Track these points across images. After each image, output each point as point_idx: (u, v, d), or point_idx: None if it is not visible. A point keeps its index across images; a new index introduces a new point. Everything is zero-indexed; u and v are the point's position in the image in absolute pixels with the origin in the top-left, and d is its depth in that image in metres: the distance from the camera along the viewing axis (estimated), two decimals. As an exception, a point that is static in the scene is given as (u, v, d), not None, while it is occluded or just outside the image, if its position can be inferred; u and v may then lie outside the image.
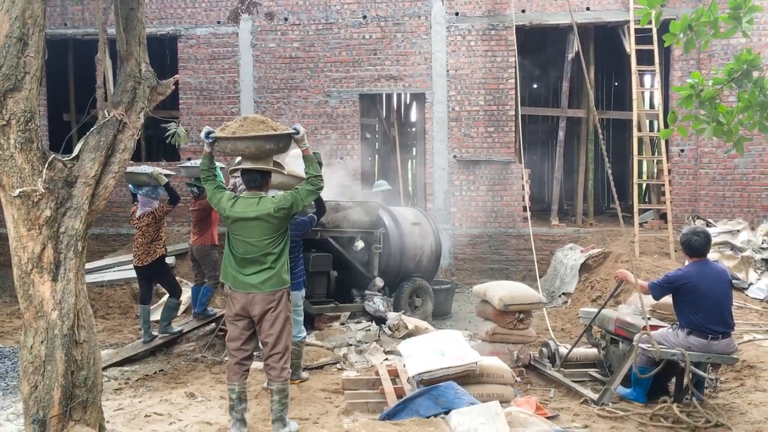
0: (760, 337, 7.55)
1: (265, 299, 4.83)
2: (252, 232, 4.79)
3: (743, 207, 12.27)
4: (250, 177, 4.92)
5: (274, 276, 4.85)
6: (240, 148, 4.73)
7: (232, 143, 4.70)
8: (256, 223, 4.77)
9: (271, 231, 4.81)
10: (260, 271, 4.82)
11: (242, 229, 4.81)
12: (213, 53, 13.00)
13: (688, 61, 12.31)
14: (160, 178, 7.81)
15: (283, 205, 4.78)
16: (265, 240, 4.81)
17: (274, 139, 4.70)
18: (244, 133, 4.61)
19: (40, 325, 4.47)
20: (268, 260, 4.82)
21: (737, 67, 4.86)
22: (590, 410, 5.83)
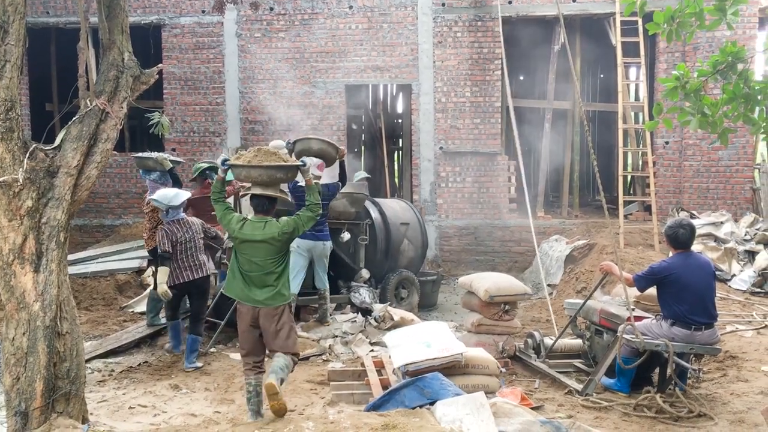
0: (742, 327, 7.63)
1: (269, 313, 5.17)
2: (258, 252, 5.15)
3: (727, 199, 12.36)
4: (258, 202, 5.27)
5: (276, 294, 5.18)
6: (253, 176, 5.12)
7: (246, 170, 5.10)
8: (262, 245, 5.14)
9: (274, 252, 5.18)
10: (264, 287, 5.16)
11: (249, 249, 5.18)
12: (197, 43, 12.89)
13: (674, 53, 12.36)
14: (165, 162, 8.03)
15: (286, 230, 5.17)
16: (269, 260, 5.17)
17: (283, 170, 5.16)
18: (258, 162, 5.05)
19: (22, 317, 4.43)
20: (271, 279, 5.17)
21: (722, 59, 4.88)
22: (575, 400, 5.87)
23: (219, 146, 12.77)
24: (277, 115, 12.82)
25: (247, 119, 12.89)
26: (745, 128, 9.73)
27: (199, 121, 12.91)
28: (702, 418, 5.39)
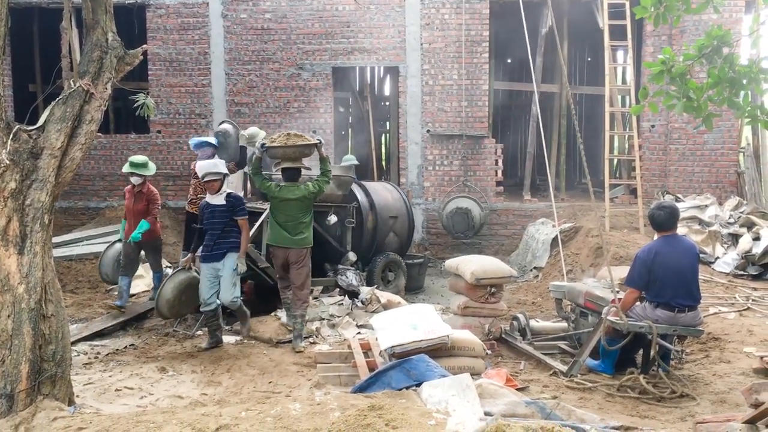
0: (725, 310, 7.71)
1: (298, 253, 7.17)
2: (292, 209, 7.15)
3: (711, 182, 12.45)
4: (290, 173, 7.27)
5: (303, 238, 7.22)
6: (288, 153, 7.14)
7: (282, 150, 7.12)
8: (295, 203, 7.14)
9: (303, 208, 7.21)
10: (296, 234, 7.16)
11: (285, 207, 7.15)
12: (183, 23, 12.75)
13: (660, 36, 12.38)
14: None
15: (313, 192, 7.23)
16: (300, 214, 7.19)
17: (308, 147, 7.23)
18: (292, 143, 7.11)
19: (6, 299, 4.40)
20: (301, 227, 7.19)
21: (708, 43, 4.89)
22: (559, 382, 5.93)
23: (205, 128, 12.68)
24: (264, 97, 12.74)
25: (233, 101, 12.80)
26: (730, 112, 9.78)
27: (184, 103, 12.81)
28: (684, 399, 5.47)
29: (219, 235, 6.96)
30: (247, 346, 7.22)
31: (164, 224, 11.60)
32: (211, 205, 7.03)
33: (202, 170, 7.03)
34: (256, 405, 4.86)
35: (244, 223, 7.09)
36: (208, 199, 7.08)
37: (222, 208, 6.98)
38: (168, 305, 7.14)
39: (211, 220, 6.97)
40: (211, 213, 7.00)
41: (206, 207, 7.07)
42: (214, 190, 7.03)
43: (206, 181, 7.03)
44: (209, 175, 6.98)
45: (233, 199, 7.08)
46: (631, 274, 5.90)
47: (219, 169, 7.05)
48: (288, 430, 4.25)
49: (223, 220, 6.97)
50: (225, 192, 7.08)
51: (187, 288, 7.16)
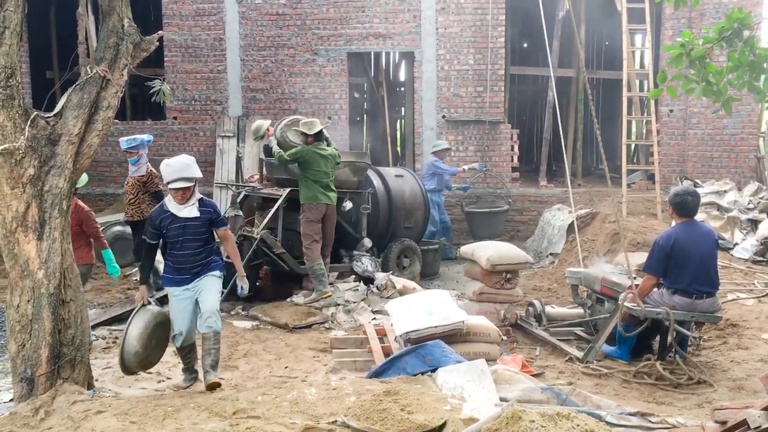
0: (743, 296, 7.65)
1: (333, 209, 8.25)
2: (326, 166, 8.09)
3: (731, 168, 12.30)
4: (319, 133, 8.19)
5: (336, 195, 8.25)
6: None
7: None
8: (330, 160, 8.15)
9: (332, 166, 8.21)
10: (330, 191, 8.13)
11: (322, 163, 8.02)
12: (198, 9, 12.74)
13: (679, 19, 12.21)
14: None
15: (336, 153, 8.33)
16: (330, 171, 8.14)
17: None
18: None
19: (26, 284, 4.46)
20: (332, 185, 8.20)
21: (728, 26, 4.82)
22: (575, 368, 5.92)
23: (221, 114, 12.71)
24: (279, 83, 12.74)
25: (248, 87, 12.80)
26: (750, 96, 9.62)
27: (200, 89, 12.83)
28: (702, 385, 5.44)
29: (196, 256, 5.40)
30: (264, 331, 7.26)
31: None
32: (179, 218, 5.31)
33: (170, 174, 5.24)
34: (272, 389, 4.91)
35: (227, 235, 5.69)
36: (175, 211, 5.31)
37: (196, 222, 5.35)
38: (138, 359, 5.33)
39: (182, 237, 5.34)
40: (180, 229, 5.32)
41: (170, 221, 5.32)
42: (183, 200, 5.30)
43: (174, 189, 5.26)
44: (179, 182, 5.21)
45: (209, 208, 5.45)
46: (649, 260, 5.85)
47: (192, 173, 5.30)
48: (304, 414, 4.29)
49: (199, 237, 5.38)
50: (197, 200, 5.39)
51: (155, 329, 5.42)
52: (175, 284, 5.45)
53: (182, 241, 5.34)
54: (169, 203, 5.36)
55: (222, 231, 5.59)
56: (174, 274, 5.44)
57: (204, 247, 5.43)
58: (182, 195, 5.29)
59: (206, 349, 5.35)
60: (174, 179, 5.22)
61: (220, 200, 11.64)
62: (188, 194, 5.31)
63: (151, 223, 5.36)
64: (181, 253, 5.36)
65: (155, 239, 5.40)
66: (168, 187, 5.27)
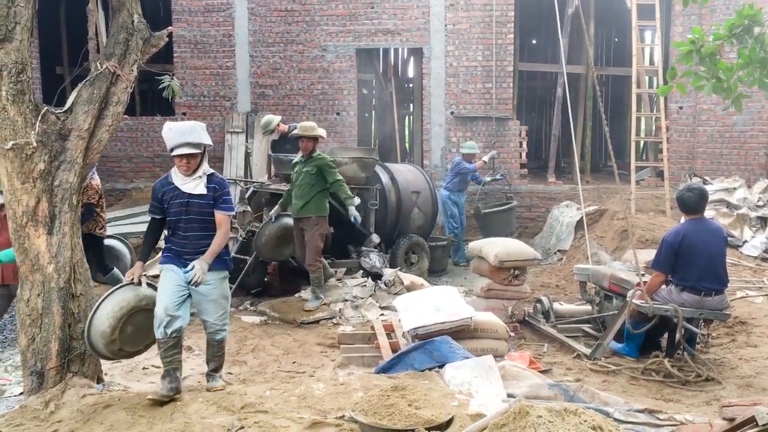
0: (752, 293, 7.62)
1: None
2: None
3: (740, 165, 12.24)
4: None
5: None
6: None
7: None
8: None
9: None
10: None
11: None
12: (207, 5, 12.77)
13: (690, 16, 12.15)
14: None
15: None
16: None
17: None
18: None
19: (36, 279, 4.49)
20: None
21: (738, 23, 4.79)
22: (583, 364, 5.91)
23: (229, 110, 12.74)
24: (287, 79, 12.75)
25: (257, 83, 12.82)
26: (760, 93, 9.58)
27: (209, 85, 12.86)
28: (710, 383, 5.43)
29: (200, 240, 4.74)
30: (272, 326, 7.29)
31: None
32: (182, 193, 4.70)
33: (173, 138, 4.60)
34: (280, 384, 4.93)
35: (225, 221, 4.79)
36: (179, 184, 4.71)
37: (202, 200, 4.71)
38: (106, 342, 4.52)
39: (185, 217, 4.71)
40: (183, 206, 4.70)
41: (173, 195, 4.72)
42: (189, 171, 4.68)
43: (178, 155, 4.62)
44: (183, 147, 4.57)
45: (217, 185, 4.77)
46: (657, 257, 5.83)
47: (199, 138, 4.63)
48: (312, 409, 4.30)
49: (205, 218, 4.74)
50: (205, 174, 4.74)
51: (136, 315, 4.63)
52: (170, 262, 4.75)
53: (185, 221, 4.71)
54: (174, 175, 4.74)
55: (222, 215, 4.76)
56: (172, 255, 4.77)
57: (210, 231, 4.75)
58: (187, 164, 4.64)
59: (210, 354, 5.00)
60: (177, 144, 4.58)
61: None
62: (194, 164, 4.66)
63: (154, 195, 4.80)
64: (184, 235, 4.72)
65: (158, 213, 4.80)
66: (172, 154, 4.66)
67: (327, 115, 12.73)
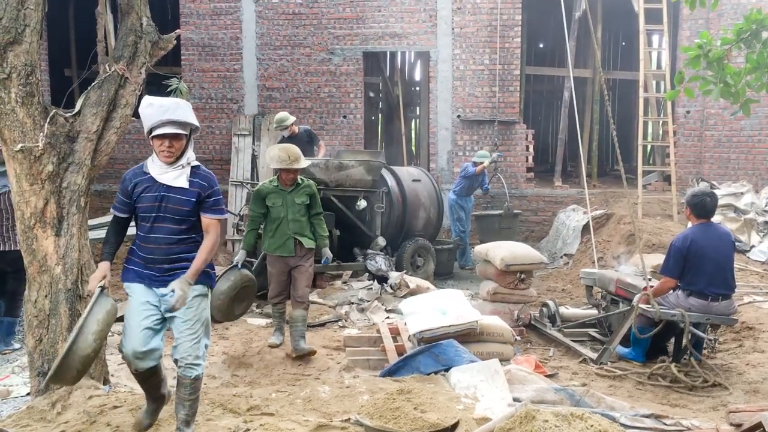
0: (759, 299, 7.59)
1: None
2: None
3: (748, 169, 12.20)
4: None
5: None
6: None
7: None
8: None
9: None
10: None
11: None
12: (215, 8, 12.82)
13: (697, 20, 12.13)
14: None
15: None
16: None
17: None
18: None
19: (44, 280, 4.50)
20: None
21: (746, 27, 4.79)
22: (589, 369, 5.90)
23: (237, 113, 12.77)
24: (294, 82, 12.77)
25: (264, 86, 12.85)
26: (768, 98, 9.57)
27: (216, 88, 12.90)
28: (717, 388, 5.41)
29: (173, 245, 3.78)
30: (278, 329, 7.29)
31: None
32: (159, 185, 3.78)
33: (153, 115, 3.70)
34: (286, 387, 4.94)
35: (214, 227, 3.83)
36: (156, 174, 3.78)
37: (182, 195, 3.78)
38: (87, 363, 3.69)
39: (155, 214, 3.77)
40: (157, 200, 3.77)
41: (146, 187, 3.80)
42: (171, 156, 3.76)
43: (158, 135, 3.70)
44: (167, 126, 3.68)
45: (203, 181, 3.84)
46: (666, 262, 5.81)
47: (186, 116, 3.74)
48: (317, 412, 4.31)
49: (181, 217, 3.78)
50: (189, 163, 3.81)
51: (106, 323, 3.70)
52: (136, 279, 3.82)
53: (155, 218, 3.77)
54: (150, 163, 3.83)
55: (210, 219, 3.81)
56: (138, 266, 3.83)
57: (186, 235, 3.80)
58: (169, 148, 3.72)
59: (180, 398, 3.82)
60: (159, 122, 3.68)
61: (236, 198, 11.70)
62: (178, 148, 3.75)
63: (122, 188, 3.85)
64: (153, 236, 3.78)
65: (123, 211, 3.87)
66: (150, 136, 3.74)
67: (334, 118, 12.76)
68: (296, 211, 6.31)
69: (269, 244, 6.34)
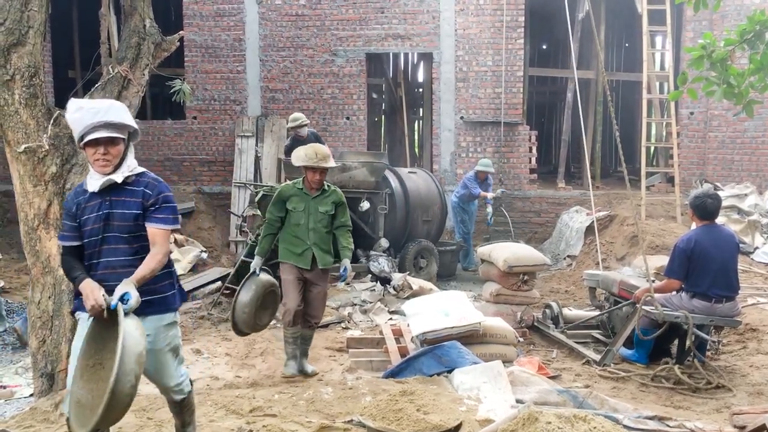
0: (763, 300, 7.57)
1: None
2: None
3: (751, 171, 12.18)
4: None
5: None
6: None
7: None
8: None
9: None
10: None
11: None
12: (218, 10, 12.83)
13: (701, 21, 12.11)
14: None
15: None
16: None
17: None
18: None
19: (47, 281, 4.51)
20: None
21: (750, 28, 4.78)
22: (592, 371, 5.89)
23: (240, 114, 12.78)
24: (297, 83, 12.78)
25: (267, 87, 12.86)
26: (772, 99, 9.56)
27: (219, 89, 12.92)
28: (720, 390, 5.39)
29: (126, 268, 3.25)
30: (280, 330, 7.26)
31: (199, 209, 11.77)
32: (102, 201, 3.30)
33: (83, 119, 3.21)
34: (288, 388, 4.94)
35: (161, 237, 3.30)
36: (93, 188, 3.30)
37: (126, 208, 3.30)
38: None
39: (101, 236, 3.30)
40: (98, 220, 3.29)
41: (90, 206, 3.31)
42: (109, 166, 3.26)
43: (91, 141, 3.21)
44: (99, 130, 3.20)
45: (148, 189, 3.35)
46: (670, 264, 5.80)
47: (121, 118, 3.28)
48: (320, 413, 4.31)
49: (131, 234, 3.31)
50: (132, 172, 3.34)
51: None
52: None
53: (103, 239, 3.29)
54: (89, 179, 3.33)
55: (156, 229, 3.29)
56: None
57: (142, 255, 3.28)
58: (104, 155, 3.23)
59: (174, 411, 3.68)
60: (89, 127, 3.20)
61: (239, 200, 11.71)
62: (116, 155, 3.27)
63: (65, 210, 3.40)
64: (104, 261, 3.29)
65: (74, 238, 3.33)
66: (82, 143, 3.25)
67: (337, 120, 12.77)
68: (318, 220, 5.68)
69: (285, 252, 5.75)
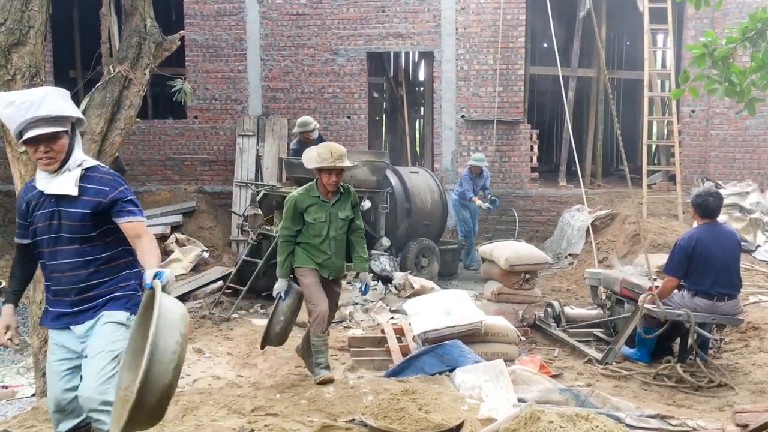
0: (765, 299, 7.56)
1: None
2: None
3: (753, 169, 12.16)
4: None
5: None
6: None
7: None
8: None
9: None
10: None
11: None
12: (219, 9, 12.82)
13: (702, 19, 12.09)
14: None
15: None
16: None
17: None
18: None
19: (48, 281, 4.51)
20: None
21: (752, 26, 4.77)
22: (594, 369, 5.89)
23: (241, 114, 12.78)
24: (299, 82, 12.78)
25: (268, 87, 12.86)
26: (773, 97, 9.54)
27: (220, 89, 12.91)
28: (722, 388, 5.39)
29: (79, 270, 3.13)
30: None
31: (200, 209, 11.77)
32: (49, 199, 3.12)
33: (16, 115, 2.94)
34: (290, 387, 4.94)
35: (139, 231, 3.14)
36: (43, 186, 3.12)
37: (76, 207, 3.09)
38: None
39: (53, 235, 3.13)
40: (48, 219, 3.13)
41: (38, 204, 3.16)
42: (53, 163, 3.06)
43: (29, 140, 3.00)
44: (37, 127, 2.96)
45: (102, 184, 3.14)
46: (670, 262, 5.79)
47: (59, 108, 3.01)
48: (322, 412, 4.31)
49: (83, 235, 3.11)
50: (79, 166, 3.12)
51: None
52: (51, 321, 3.19)
53: (53, 240, 3.12)
54: (38, 176, 3.16)
55: (129, 222, 3.12)
56: (48, 304, 3.23)
57: (95, 256, 3.14)
58: (47, 153, 3.02)
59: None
60: (24, 124, 2.97)
61: (240, 199, 11.71)
62: (59, 150, 3.04)
63: (17, 207, 3.24)
64: (54, 263, 3.14)
65: (22, 236, 3.25)
66: (20, 141, 3.03)
67: (338, 119, 12.76)
68: (339, 227, 5.29)
69: (304, 258, 5.26)
